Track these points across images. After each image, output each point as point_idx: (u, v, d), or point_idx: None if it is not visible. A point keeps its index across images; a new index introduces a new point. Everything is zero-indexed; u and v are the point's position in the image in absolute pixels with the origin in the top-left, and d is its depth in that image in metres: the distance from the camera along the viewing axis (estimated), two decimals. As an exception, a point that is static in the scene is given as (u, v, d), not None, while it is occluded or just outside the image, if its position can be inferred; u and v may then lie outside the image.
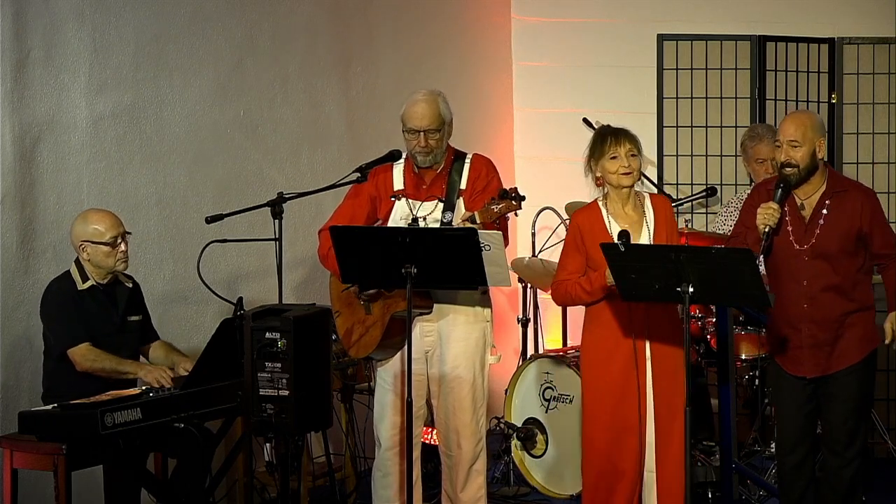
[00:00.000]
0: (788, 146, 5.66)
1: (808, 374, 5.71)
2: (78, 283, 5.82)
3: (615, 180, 5.67)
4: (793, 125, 5.69)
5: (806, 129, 5.66)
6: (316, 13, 7.46)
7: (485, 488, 6.14)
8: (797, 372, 5.73)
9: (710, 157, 8.11)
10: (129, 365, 5.79)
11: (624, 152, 5.64)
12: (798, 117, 5.77)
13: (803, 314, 5.67)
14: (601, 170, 5.68)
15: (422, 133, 5.91)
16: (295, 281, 7.25)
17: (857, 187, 5.84)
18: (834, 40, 7.95)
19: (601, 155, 5.66)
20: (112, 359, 5.75)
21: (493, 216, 5.70)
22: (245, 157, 7.08)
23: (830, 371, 5.69)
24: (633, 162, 5.65)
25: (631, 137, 5.67)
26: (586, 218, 5.75)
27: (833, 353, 5.68)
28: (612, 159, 5.65)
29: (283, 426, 5.24)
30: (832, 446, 5.75)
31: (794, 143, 5.65)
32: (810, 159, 5.66)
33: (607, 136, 5.68)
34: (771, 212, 5.63)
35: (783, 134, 5.69)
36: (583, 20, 8.52)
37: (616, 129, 5.70)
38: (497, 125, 8.69)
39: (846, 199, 5.69)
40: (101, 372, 5.73)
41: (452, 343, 5.97)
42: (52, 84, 6.18)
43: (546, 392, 6.98)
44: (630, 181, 5.67)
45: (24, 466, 5.47)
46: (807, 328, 5.68)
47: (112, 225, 5.83)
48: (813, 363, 5.70)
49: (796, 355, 5.72)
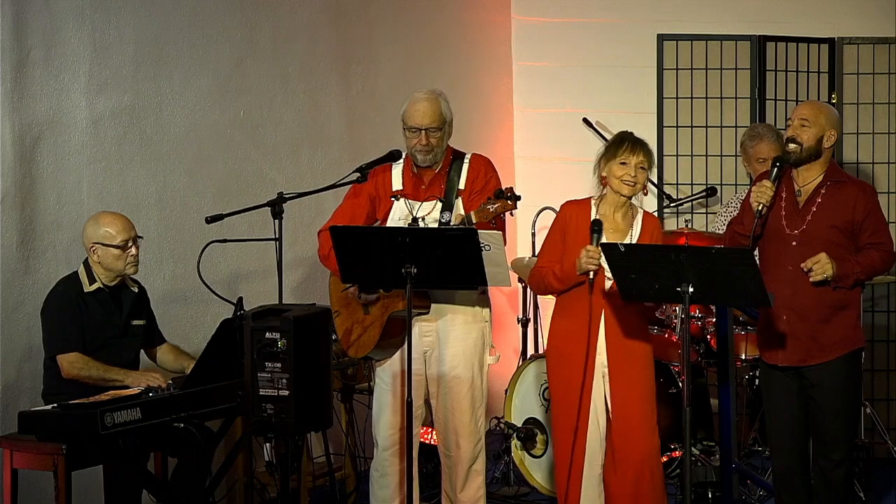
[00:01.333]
0: (799, 123, 5.66)
1: (781, 363, 5.68)
2: (84, 284, 5.82)
3: (616, 185, 5.68)
4: (809, 108, 5.72)
5: (819, 114, 5.67)
6: (316, 13, 7.46)
7: (484, 488, 6.14)
8: (773, 360, 5.71)
9: (710, 157, 8.11)
10: (116, 373, 5.75)
11: (635, 162, 5.66)
12: (816, 103, 5.84)
13: (785, 301, 5.61)
14: (607, 171, 5.70)
15: (423, 131, 5.92)
16: (295, 281, 7.25)
17: (856, 182, 5.83)
18: (834, 40, 7.96)
19: (612, 157, 5.69)
20: (100, 367, 5.73)
21: (488, 216, 5.70)
22: (245, 157, 7.08)
23: (805, 363, 5.64)
24: (639, 174, 5.67)
25: (647, 151, 5.70)
26: (574, 211, 5.78)
27: (810, 346, 5.63)
28: (622, 165, 5.66)
29: (283, 426, 5.23)
30: (819, 448, 5.73)
31: (804, 121, 5.65)
32: (816, 143, 5.65)
33: (625, 141, 5.71)
34: (765, 189, 5.62)
35: (797, 113, 5.70)
36: (583, 20, 8.52)
37: (636, 139, 5.73)
38: (497, 125, 8.69)
39: (842, 190, 5.67)
40: (89, 380, 5.70)
41: (451, 343, 5.98)
42: (52, 84, 6.18)
43: (546, 392, 6.98)
44: (630, 192, 5.68)
45: (24, 466, 5.47)
46: (786, 316, 5.65)
47: (123, 228, 5.84)
48: (788, 351, 5.66)
49: (774, 342, 5.69)
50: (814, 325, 5.63)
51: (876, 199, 5.75)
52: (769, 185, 5.63)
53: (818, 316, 5.63)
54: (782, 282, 5.62)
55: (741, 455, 6.85)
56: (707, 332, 7.04)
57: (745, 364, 7.07)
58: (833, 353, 5.64)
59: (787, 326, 5.65)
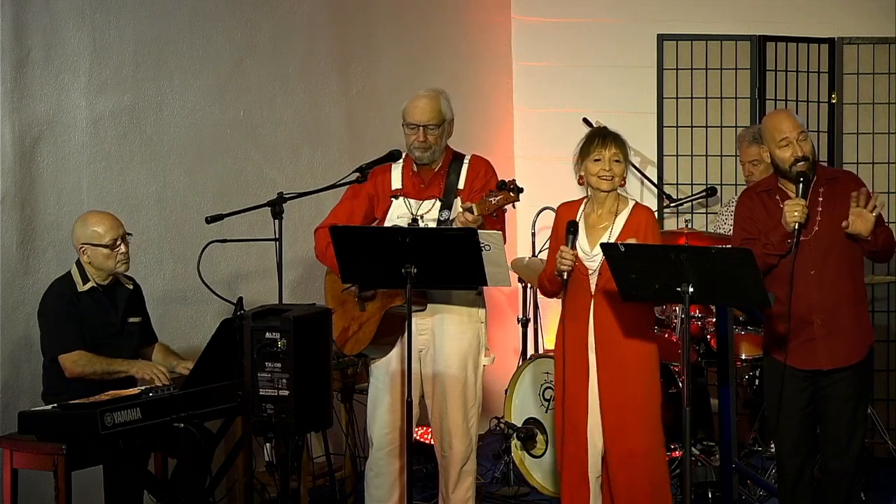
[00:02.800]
0: (799, 140, 5.64)
1: (825, 367, 5.64)
2: (78, 284, 5.82)
3: (595, 182, 5.66)
4: (789, 121, 5.68)
5: (803, 123, 5.70)
6: (316, 13, 7.46)
7: (473, 489, 6.14)
8: (811, 365, 5.65)
9: (710, 157, 8.11)
10: (120, 364, 5.78)
11: (608, 156, 5.63)
12: (789, 114, 5.78)
13: (815, 305, 5.62)
14: (585, 170, 5.69)
15: (421, 128, 5.93)
16: (295, 281, 7.25)
17: (846, 174, 5.89)
18: (834, 40, 7.96)
19: (587, 155, 5.66)
20: (103, 361, 5.75)
21: (490, 208, 5.69)
22: (245, 157, 7.08)
23: (849, 363, 5.62)
24: (615, 167, 5.63)
25: (619, 142, 5.66)
26: (565, 212, 5.79)
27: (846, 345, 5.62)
28: (595, 161, 5.64)
29: (283, 426, 5.23)
30: (832, 447, 5.72)
31: (802, 134, 5.65)
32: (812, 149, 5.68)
33: (595, 137, 5.68)
34: (800, 207, 5.55)
35: (789, 130, 5.65)
36: (583, 20, 8.52)
37: (606, 132, 5.70)
38: (497, 125, 8.69)
39: (837, 185, 5.69)
40: (94, 375, 5.72)
41: (446, 342, 5.98)
42: (52, 84, 6.18)
43: (546, 392, 6.98)
44: (608, 186, 5.65)
45: (24, 466, 5.47)
46: (820, 319, 5.64)
47: (111, 227, 5.83)
48: (828, 355, 5.63)
49: (809, 349, 5.65)
50: (847, 322, 5.63)
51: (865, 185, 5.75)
52: (802, 202, 5.57)
53: (849, 312, 5.64)
54: (809, 286, 5.62)
55: (741, 455, 6.85)
56: (707, 332, 7.04)
57: (745, 364, 7.07)
58: (863, 349, 5.67)
59: (822, 329, 5.63)
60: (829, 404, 5.69)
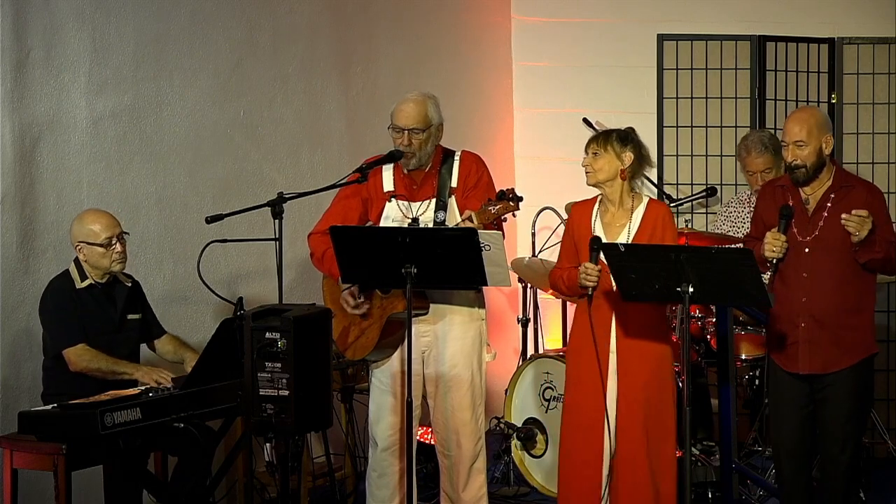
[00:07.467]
0: (794, 147, 5.61)
1: (803, 371, 5.64)
2: (76, 281, 5.83)
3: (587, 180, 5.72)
4: (797, 124, 5.63)
5: (811, 128, 5.60)
6: (316, 13, 7.46)
7: (485, 487, 6.14)
8: (792, 368, 5.67)
9: (710, 157, 8.11)
10: (125, 366, 5.78)
11: (589, 151, 5.67)
12: (802, 116, 5.70)
13: (802, 308, 5.62)
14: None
15: (405, 132, 5.90)
16: (295, 281, 7.25)
17: (863, 184, 5.79)
18: (834, 40, 7.95)
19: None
20: (108, 359, 5.75)
21: (490, 217, 5.69)
22: (245, 157, 7.08)
23: (828, 370, 5.62)
24: (594, 161, 5.66)
25: (604, 138, 5.68)
26: (578, 212, 5.79)
27: (830, 353, 5.61)
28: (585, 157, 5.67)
29: (283, 426, 5.23)
30: (828, 449, 5.71)
31: (799, 143, 5.60)
32: (817, 157, 5.61)
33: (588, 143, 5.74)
34: (779, 243, 5.54)
35: (788, 135, 5.62)
36: (583, 20, 8.52)
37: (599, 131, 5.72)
38: (497, 125, 8.69)
39: (851, 194, 5.62)
40: (97, 372, 5.73)
41: (450, 342, 5.97)
42: (52, 84, 6.18)
43: (546, 392, 6.99)
44: (592, 180, 5.68)
45: (24, 466, 5.48)
46: (805, 323, 5.63)
47: (107, 226, 5.84)
48: (808, 360, 5.63)
49: (793, 351, 5.67)
50: (834, 331, 5.60)
51: (883, 200, 5.70)
52: (783, 238, 5.54)
53: (837, 321, 5.60)
54: (799, 289, 5.61)
55: (741, 455, 6.85)
56: (707, 332, 7.04)
57: (745, 364, 7.07)
58: (852, 358, 5.62)
59: (806, 334, 5.61)
60: (823, 409, 5.68)
